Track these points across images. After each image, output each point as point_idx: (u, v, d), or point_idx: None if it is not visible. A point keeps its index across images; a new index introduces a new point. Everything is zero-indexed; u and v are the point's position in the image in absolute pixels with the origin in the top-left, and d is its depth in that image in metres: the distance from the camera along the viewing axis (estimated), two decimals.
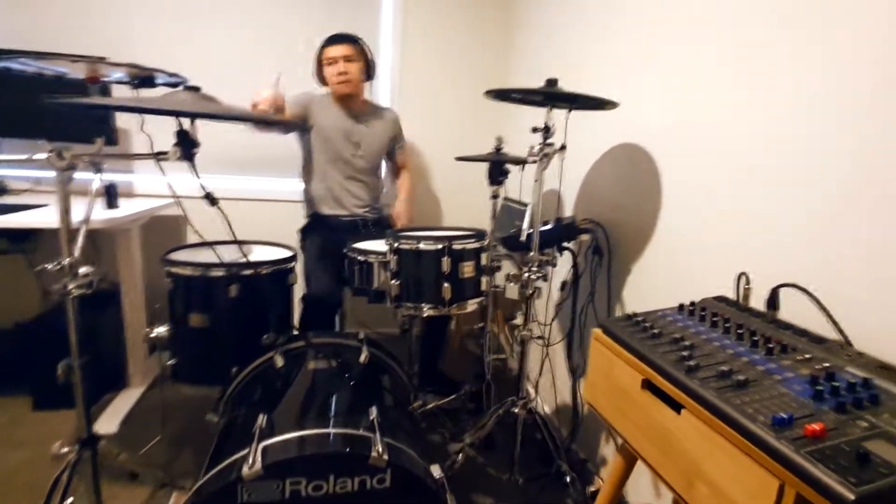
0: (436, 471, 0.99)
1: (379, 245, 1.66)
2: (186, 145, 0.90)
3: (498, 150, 1.82)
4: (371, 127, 2.05)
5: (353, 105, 2.01)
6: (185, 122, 0.91)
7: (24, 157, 0.95)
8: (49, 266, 0.96)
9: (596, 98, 1.23)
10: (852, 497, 0.48)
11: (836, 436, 0.56)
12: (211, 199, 0.98)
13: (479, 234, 1.27)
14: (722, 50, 1.11)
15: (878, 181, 0.78)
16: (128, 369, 2.00)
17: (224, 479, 0.85)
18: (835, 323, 0.81)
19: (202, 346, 1.37)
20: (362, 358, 1.24)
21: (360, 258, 1.52)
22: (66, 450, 1.10)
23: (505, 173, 1.82)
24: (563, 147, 1.26)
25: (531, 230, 1.33)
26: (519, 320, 2.05)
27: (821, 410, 0.61)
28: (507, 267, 2.05)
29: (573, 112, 1.43)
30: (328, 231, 1.92)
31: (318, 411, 1.02)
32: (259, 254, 1.53)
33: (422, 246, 1.22)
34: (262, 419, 0.94)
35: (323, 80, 1.95)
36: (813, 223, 0.89)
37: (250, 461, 0.82)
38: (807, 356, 0.73)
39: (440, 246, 1.20)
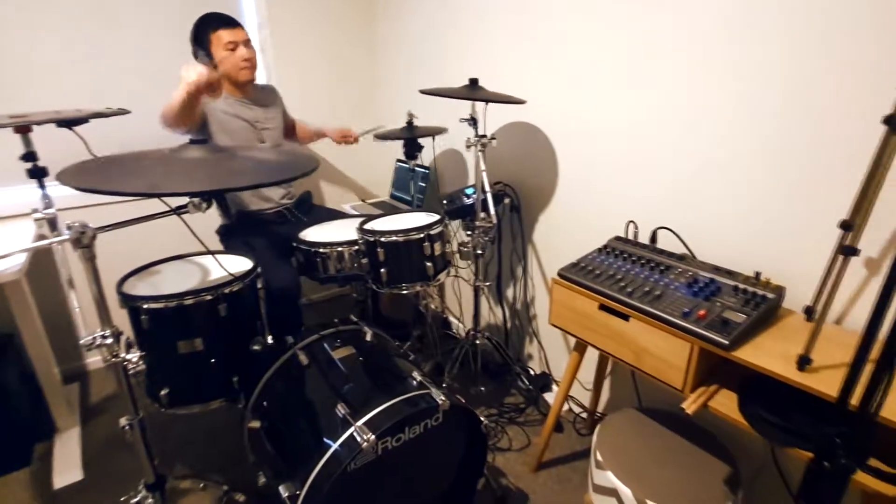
0: (461, 396, 1.36)
1: (326, 233, 1.80)
2: (221, 198, 0.96)
3: (409, 123, 2.03)
4: (268, 110, 2.01)
5: (246, 92, 1.94)
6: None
7: None
8: (100, 339, 0.94)
9: (509, 97, 1.56)
10: (727, 342, 1.01)
11: (710, 314, 1.09)
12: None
13: (442, 219, 1.56)
14: (609, 38, 1.50)
15: (716, 154, 1.32)
16: (52, 415, 1.82)
17: (338, 460, 1.09)
18: (686, 246, 1.39)
19: (198, 367, 1.42)
20: (368, 337, 1.49)
21: (322, 251, 1.67)
22: (135, 501, 1.14)
23: (420, 148, 2.06)
24: (493, 137, 1.59)
25: (471, 201, 1.68)
26: None
27: (699, 301, 1.15)
28: None
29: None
30: (256, 225, 1.92)
31: (377, 384, 1.29)
32: (215, 265, 1.54)
33: (405, 237, 1.47)
34: (341, 406, 1.17)
35: (212, 66, 1.81)
36: (671, 184, 1.43)
37: (364, 437, 1.07)
38: (679, 270, 1.28)
39: (422, 235, 1.47)
